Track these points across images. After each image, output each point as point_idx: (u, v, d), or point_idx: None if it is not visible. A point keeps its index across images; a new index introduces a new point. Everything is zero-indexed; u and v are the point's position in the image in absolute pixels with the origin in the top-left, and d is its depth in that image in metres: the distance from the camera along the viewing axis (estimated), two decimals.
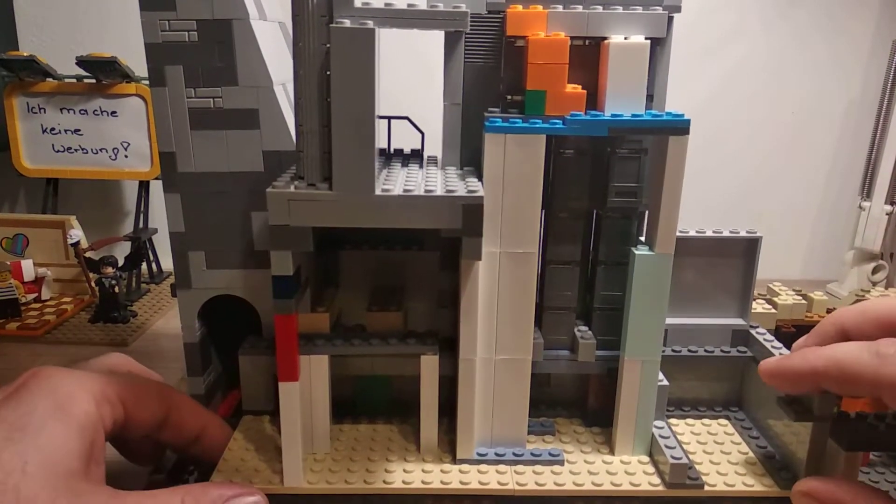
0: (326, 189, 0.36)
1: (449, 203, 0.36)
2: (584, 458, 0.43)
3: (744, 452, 0.45)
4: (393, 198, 0.36)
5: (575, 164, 0.43)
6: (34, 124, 0.89)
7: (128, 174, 0.91)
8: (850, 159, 1.05)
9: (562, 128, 0.38)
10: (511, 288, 0.41)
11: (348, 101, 0.35)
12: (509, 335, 0.41)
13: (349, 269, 0.47)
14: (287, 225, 0.36)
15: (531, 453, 0.43)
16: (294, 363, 0.39)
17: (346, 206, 0.36)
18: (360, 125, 0.35)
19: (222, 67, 0.41)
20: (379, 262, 0.47)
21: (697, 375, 0.49)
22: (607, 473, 0.42)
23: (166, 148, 0.43)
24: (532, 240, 0.40)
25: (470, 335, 0.40)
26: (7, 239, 0.88)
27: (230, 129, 0.42)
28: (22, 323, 0.78)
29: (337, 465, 0.42)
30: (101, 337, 0.77)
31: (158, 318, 0.84)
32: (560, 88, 0.39)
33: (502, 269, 0.40)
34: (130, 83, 0.86)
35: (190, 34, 0.41)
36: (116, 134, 0.88)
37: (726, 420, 0.48)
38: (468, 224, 0.36)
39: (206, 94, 0.42)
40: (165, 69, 0.42)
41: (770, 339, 0.47)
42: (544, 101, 0.39)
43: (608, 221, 0.44)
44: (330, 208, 0.36)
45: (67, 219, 0.86)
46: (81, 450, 0.34)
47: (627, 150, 0.42)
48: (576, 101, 0.39)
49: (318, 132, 0.36)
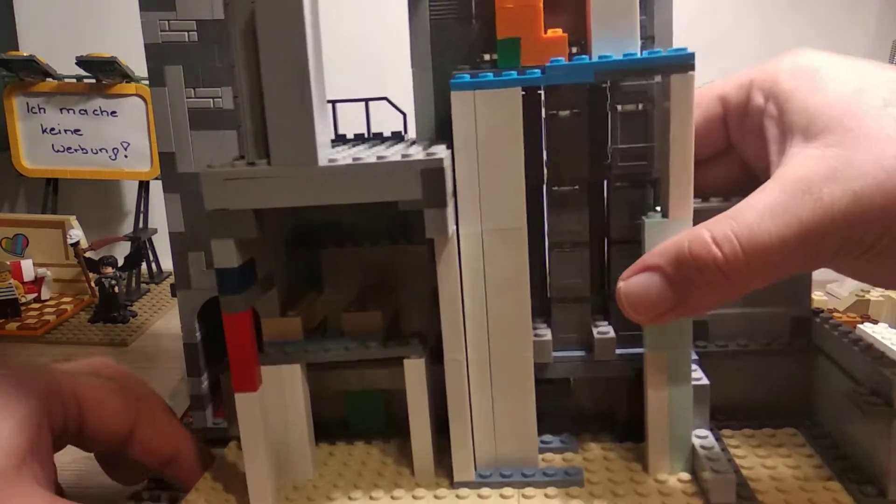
0: (266, 165, 0.32)
1: (404, 169, 0.31)
2: (610, 477, 0.36)
3: (817, 466, 0.36)
4: (340, 168, 0.31)
5: (571, 125, 0.36)
6: (34, 124, 0.88)
7: (128, 174, 0.90)
8: None
9: (539, 77, 0.33)
10: (500, 272, 0.34)
11: (277, 57, 0.30)
12: (504, 329, 0.35)
13: (332, 270, 0.42)
14: (225, 209, 0.32)
15: (543, 473, 0.36)
16: (250, 369, 0.34)
17: (287, 182, 0.31)
18: (294, 86, 0.31)
19: (222, 67, 0.40)
20: (364, 260, 0.42)
21: (751, 376, 0.40)
22: (636, 495, 0.34)
23: (166, 148, 0.42)
24: (518, 213, 0.34)
25: (455, 330, 0.34)
26: (7, 239, 0.87)
27: (230, 129, 0.41)
28: (22, 323, 0.76)
29: (316, 493, 0.37)
30: (101, 337, 0.75)
31: (158, 318, 0.82)
32: (536, 33, 0.33)
33: (487, 250, 0.34)
34: (130, 83, 0.85)
35: (190, 34, 0.40)
36: (116, 134, 0.87)
37: (794, 429, 0.39)
38: (429, 193, 0.31)
39: (206, 94, 0.41)
40: (165, 69, 0.41)
41: (841, 328, 0.38)
42: (518, 50, 0.34)
43: (617, 192, 0.37)
44: (270, 186, 0.31)
45: (67, 219, 0.85)
46: (15, 447, 0.31)
47: (632, 104, 0.36)
48: (556, 47, 0.33)
49: (250, 102, 0.32)
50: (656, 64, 0.32)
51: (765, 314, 0.40)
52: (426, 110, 0.37)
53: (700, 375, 0.36)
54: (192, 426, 0.45)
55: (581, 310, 0.38)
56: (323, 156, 0.31)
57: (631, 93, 0.36)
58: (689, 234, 0.31)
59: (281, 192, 0.31)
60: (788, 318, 0.40)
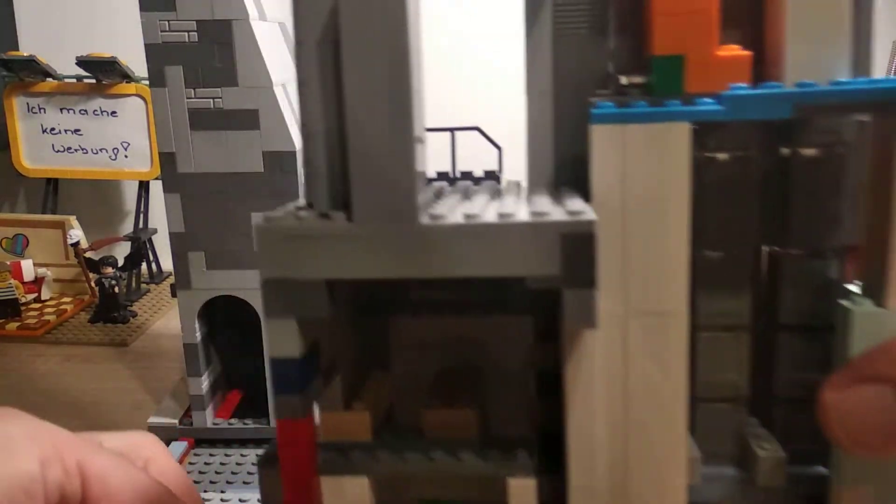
0: (344, 220, 0.23)
1: (538, 232, 0.22)
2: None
3: None
4: (447, 229, 0.22)
5: (734, 172, 0.28)
6: (34, 124, 0.89)
7: (128, 174, 0.91)
8: None
9: (717, 110, 0.24)
10: (648, 371, 0.26)
11: (369, 77, 0.22)
12: (649, 448, 0.26)
13: (403, 344, 0.34)
14: (288, 278, 0.23)
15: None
16: (309, 491, 0.25)
17: (375, 245, 0.23)
18: (391, 117, 0.22)
19: (222, 68, 0.40)
20: (444, 332, 0.33)
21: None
22: None
23: (166, 148, 0.43)
24: (678, 293, 0.25)
25: (584, 449, 0.26)
26: (7, 239, 0.88)
27: (230, 129, 0.42)
28: (22, 323, 0.78)
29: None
30: (101, 337, 0.77)
31: (158, 318, 0.83)
32: (707, 49, 0.25)
33: (631, 340, 0.25)
34: (130, 83, 0.86)
35: (190, 34, 0.40)
36: (116, 134, 0.88)
37: None
38: (572, 267, 0.22)
39: (206, 95, 0.42)
40: (165, 69, 0.41)
41: None
42: (682, 72, 0.25)
43: (792, 262, 0.28)
44: (351, 249, 0.23)
45: (67, 219, 0.86)
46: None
47: (817, 148, 0.27)
48: (736, 68, 0.25)
49: (325, 132, 0.23)
50: (885, 96, 0.23)
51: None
52: (542, 147, 0.28)
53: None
54: (192, 426, 0.48)
55: (736, 414, 0.29)
56: (423, 210, 0.23)
57: (821, 132, 0.27)
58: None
59: (366, 258, 0.23)
60: None
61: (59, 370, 0.72)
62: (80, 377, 0.71)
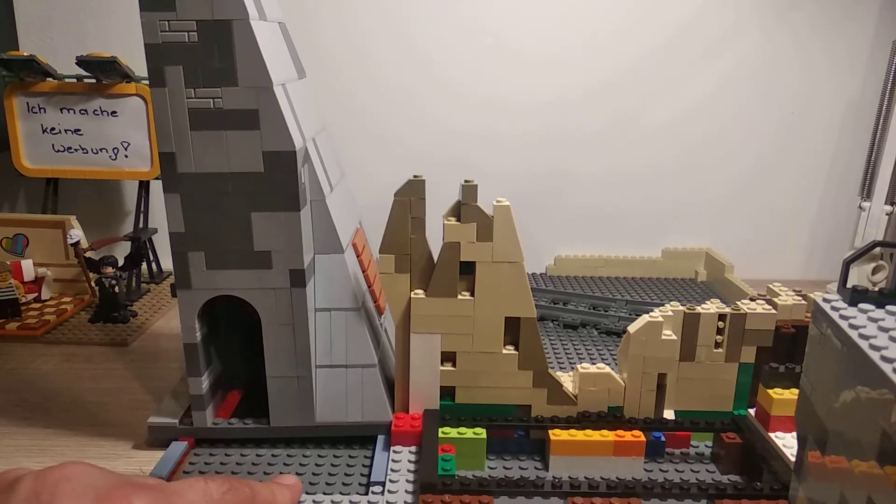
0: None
1: None
2: None
3: None
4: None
5: None
6: (34, 124, 0.89)
7: (128, 174, 0.91)
8: (849, 159, 1.06)
9: None
10: None
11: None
12: None
13: None
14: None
15: None
16: None
17: None
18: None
19: (222, 68, 0.41)
20: None
21: None
22: None
23: (166, 148, 0.43)
24: None
25: None
26: (7, 239, 0.88)
27: (230, 129, 0.42)
28: (22, 323, 0.77)
29: None
30: (101, 337, 0.76)
31: (158, 318, 0.83)
32: None
33: None
34: (130, 83, 0.86)
35: (190, 34, 0.40)
36: (116, 134, 0.88)
37: None
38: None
39: (206, 95, 0.41)
40: (165, 69, 0.42)
41: None
42: None
43: None
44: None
45: (67, 219, 0.86)
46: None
47: None
48: None
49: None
50: None
51: None
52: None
53: None
54: (192, 426, 0.47)
55: None
56: None
57: None
58: None
59: None
60: None
61: (59, 370, 0.72)
62: (80, 377, 0.71)
